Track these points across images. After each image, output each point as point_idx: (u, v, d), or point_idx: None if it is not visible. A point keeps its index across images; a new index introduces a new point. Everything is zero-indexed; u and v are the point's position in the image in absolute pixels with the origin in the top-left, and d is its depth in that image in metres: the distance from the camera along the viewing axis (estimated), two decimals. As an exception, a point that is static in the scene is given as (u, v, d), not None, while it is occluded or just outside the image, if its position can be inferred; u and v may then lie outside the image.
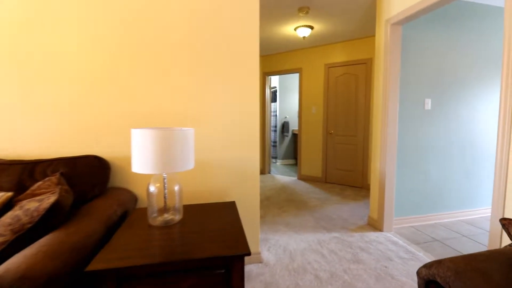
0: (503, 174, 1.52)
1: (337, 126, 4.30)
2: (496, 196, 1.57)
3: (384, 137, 2.54)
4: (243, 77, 1.86)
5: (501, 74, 1.52)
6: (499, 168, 1.55)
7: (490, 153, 2.99)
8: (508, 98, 1.49)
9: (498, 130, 1.55)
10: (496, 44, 2.92)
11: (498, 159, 1.55)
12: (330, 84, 4.34)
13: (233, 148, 1.87)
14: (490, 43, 2.90)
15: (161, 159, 1.16)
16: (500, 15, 2.94)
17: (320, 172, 4.51)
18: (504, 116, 1.51)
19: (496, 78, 2.96)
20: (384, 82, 2.53)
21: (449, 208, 2.89)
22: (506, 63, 1.50)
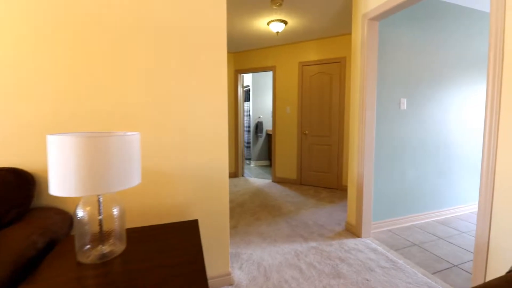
0: (490, 179, 1.42)
1: (312, 127, 4.18)
2: (483, 201, 1.47)
3: (362, 138, 2.42)
4: (208, 71, 1.59)
5: (487, 73, 1.42)
6: (485, 171, 1.45)
7: (460, 152, 3.03)
8: (495, 92, 1.39)
9: (485, 131, 1.45)
10: (468, 44, 2.95)
11: (485, 162, 1.45)
12: (305, 83, 4.20)
13: (195, 153, 1.59)
14: (462, 44, 2.92)
15: (90, 177, 0.85)
16: (473, 16, 2.98)
17: (295, 174, 4.36)
18: (490, 118, 1.41)
19: (466, 78, 3.00)
20: (362, 80, 2.40)
21: (423, 209, 2.87)
22: (492, 66, 1.40)
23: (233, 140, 4.88)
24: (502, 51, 1.36)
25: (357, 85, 2.49)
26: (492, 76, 1.40)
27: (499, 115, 1.38)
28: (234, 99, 4.83)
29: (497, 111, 1.38)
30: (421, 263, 2.05)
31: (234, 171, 4.92)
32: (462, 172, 3.08)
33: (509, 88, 1.34)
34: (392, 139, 2.63)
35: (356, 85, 2.49)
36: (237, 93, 4.81)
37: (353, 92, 2.55)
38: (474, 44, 3.00)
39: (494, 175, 1.41)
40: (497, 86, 1.38)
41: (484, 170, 1.45)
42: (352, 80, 2.57)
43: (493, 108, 1.40)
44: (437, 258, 2.11)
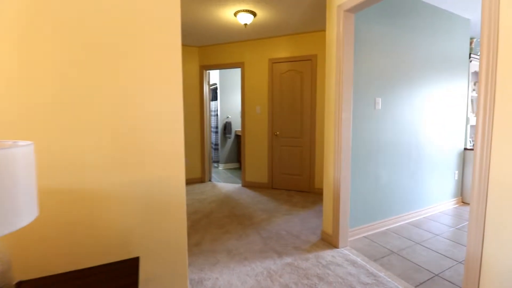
0: (483, 187, 1.28)
1: (283, 127, 3.96)
2: (475, 210, 1.32)
3: (338, 141, 2.22)
4: (157, 61, 1.23)
5: (479, 68, 1.27)
6: (478, 177, 1.30)
7: (429, 152, 3.01)
8: (488, 90, 1.25)
9: (477, 134, 1.30)
10: (437, 44, 2.94)
11: (477, 168, 1.30)
12: (275, 81, 3.96)
13: (140, 167, 1.22)
14: (431, 43, 2.90)
15: None
16: (443, 16, 2.97)
17: (266, 177, 4.11)
18: (483, 120, 1.27)
19: (438, 79, 2.99)
20: (338, 78, 2.21)
21: (397, 212, 2.79)
22: (484, 62, 1.26)
23: (199, 142, 4.48)
24: (496, 47, 1.21)
25: (332, 83, 2.29)
26: (485, 73, 1.25)
27: (493, 114, 1.24)
28: (200, 97, 4.44)
29: (491, 108, 1.24)
30: (402, 275, 1.90)
31: (200, 176, 4.52)
32: (432, 172, 3.07)
33: (504, 87, 1.20)
34: (367, 141, 2.49)
35: (331, 83, 2.30)
36: (203, 91, 4.43)
37: (328, 91, 2.35)
38: (443, 44, 3.01)
39: (487, 182, 1.27)
40: (491, 84, 1.23)
41: (476, 175, 1.31)
42: (326, 78, 2.37)
43: (487, 106, 1.26)
44: (417, 267, 1.99)
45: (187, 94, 4.34)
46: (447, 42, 3.06)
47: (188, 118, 4.37)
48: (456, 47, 3.16)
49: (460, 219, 2.90)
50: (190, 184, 4.39)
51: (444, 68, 3.05)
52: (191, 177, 4.45)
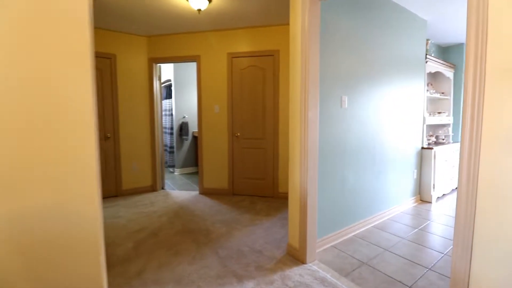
0: (471, 197, 1.10)
1: (244, 128, 3.64)
2: (461, 224, 1.14)
3: (304, 143, 1.97)
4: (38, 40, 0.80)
5: (465, 65, 1.10)
6: (465, 185, 1.12)
7: (392, 153, 2.96)
8: (476, 91, 1.07)
9: (463, 139, 1.13)
10: (402, 46, 2.90)
11: (464, 175, 1.12)
12: (235, 77, 3.63)
13: (13, 190, 0.78)
14: (397, 44, 2.84)
15: None
16: (409, 19, 2.94)
17: (226, 183, 3.75)
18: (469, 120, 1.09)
19: (399, 79, 2.95)
20: (303, 73, 1.95)
21: (362, 216, 2.66)
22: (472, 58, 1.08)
23: (149, 145, 3.93)
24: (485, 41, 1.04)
25: (296, 79, 2.03)
26: (473, 72, 1.07)
27: (483, 113, 1.06)
28: (149, 94, 3.89)
29: (480, 107, 1.07)
30: (376, 291, 1.71)
31: (151, 184, 3.97)
32: (394, 172, 3.03)
33: (494, 87, 1.03)
34: (334, 141, 2.29)
35: (296, 78, 2.04)
36: (153, 87, 3.89)
37: (293, 88, 2.09)
38: (403, 43, 2.99)
39: (476, 190, 1.10)
40: (479, 85, 1.06)
41: (463, 184, 1.13)
42: (291, 73, 2.10)
43: (475, 107, 1.08)
44: (389, 280, 1.82)
45: (132, 90, 3.77)
46: (407, 42, 3.05)
47: (135, 119, 3.80)
48: (414, 47, 3.18)
49: (421, 219, 2.89)
50: (139, 194, 3.82)
51: (405, 68, 3.04)
52: (140, 186, 3.88)
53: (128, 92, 3.74)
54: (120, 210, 3.16)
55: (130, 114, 3.77)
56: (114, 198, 3.65)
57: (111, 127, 3.65)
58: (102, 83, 3.59)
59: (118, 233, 2.55)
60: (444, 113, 4.14)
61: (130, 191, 3.80)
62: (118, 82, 3.67)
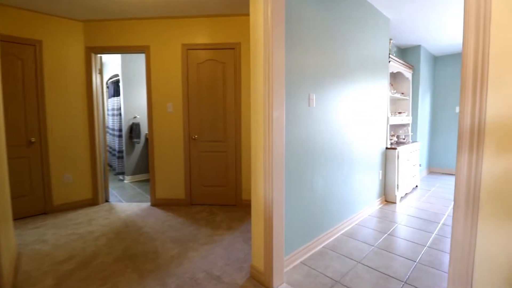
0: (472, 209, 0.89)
1: (203, 129, 3.24)
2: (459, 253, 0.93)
3: (268, 146, 1.66)
4: None
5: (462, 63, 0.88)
6: (465, 194, 0.91)
7: (359, 154, 2.83)
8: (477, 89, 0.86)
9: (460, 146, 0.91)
10: (368, 44, 2.76)
11: (463, 186, 0.91)
12: (191, 72, 3.21)
13: None
14: (363, 42, 2.70)
15: None
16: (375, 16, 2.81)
17: (182, 191, 3.30)
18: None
19: (365, 78, 2.83)
20: (266, 68, 1.65)
21: (331, 224, 2.46)
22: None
23: (88, 151, 3.31)
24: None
25: (258, 74, 1.72)
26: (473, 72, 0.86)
27: (486, 116, 0.85)
28: (87, 90, 3.28)
29: (483, 108, 0.85)
30: (353, 319, 1.47)
31: (91, 197, 3.35)
32: (362, 174, 2.90)
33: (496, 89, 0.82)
34: (301, 144, 2.03)
35: (258, 75, 1.73)
36: (92, 81, 3.29)
37: (255, 84, 1.77)
38: (369, 41, 2.87)
39: (478, 202, 0.89)
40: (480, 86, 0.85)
41: (462, 192, 0.91)
42: (252, 69, 1.79)
43: (476, 106, 0.87)
44: (366, 302, 1.60)
45: (64, 85, 3.13)
46: (373, 39, 2.94)
47: (68, 119, 3.16)
48: (379, 46, 3.10)
49: (388, 222, 2.79)
50: (75, 209, 3.19)
51: (371, 67, 2.93)
52: (77, 200, 3.24)
53: (59, 87, 3.09)
54: (47, 233, 2.55)
55: (62, 114, 3.12)
56: (43, 216, 2.98)
57: (36, 130, 2.97)
58: (22, 75, 2.90)
59: (38, 265, 1.99)
60: (404, 113, 4.20)
61: (64, 207, 3.15)
62: (45, 74, 3.01)
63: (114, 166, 4.73)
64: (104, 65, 5.48)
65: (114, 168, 4.79)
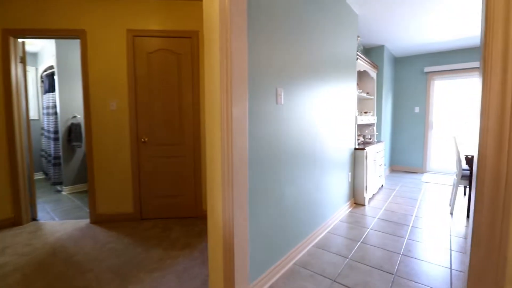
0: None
1: (154, 131, 2.78)
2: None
3: (228, 153, 1.32)
4: None
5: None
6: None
7: (331, 157, 2.63)
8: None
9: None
10: (338, 40, 2.56)
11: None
12: (139, 64, 2.73)
13: None
14: (333, 38, 2.49)
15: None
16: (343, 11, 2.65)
17: (130, 205, 2.80)
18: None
19: (336, 75, 2.63)
20: (224, 59, 1.31)
21: (303, 236, 2.20)
22: None
23: (5, 159, 2.65)
24: None
25: (214, 65, 1.37)
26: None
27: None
28: (4, 83, 2.61)
29: None
30: None
31: (13, 216, 2.69)
32: (332, 178, 2.71)
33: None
34: (267, 146, 1.73)
35: (213, 65, 1.38)
36: (10, 72, 2.63)
37: (210, 77, 1.42)
38: (338, 37, 2.68)
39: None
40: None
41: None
42: (206, 60, 1.43)
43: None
44: (346, 335, 1.35)
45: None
46: (342, 35, 2.77)
47: (-26, 117, 2.47)
48: (348, 42, 2.94)
49: (359, 227, 2.63)
50: (-15, 233, 2.51)
51: (340, 63, 2.75)
52: (-12, 221, 2.57)
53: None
54: None
55: (-36, 112, 2.43)
56: None
57: None
58: None
59: None
60: (369, 113, 4.17)
61: (-31, 231, 2.46)
62: None
63: (50, 175, 3.99)
64: (37, 55, 4.66)
65: (49, 177, 4.04)
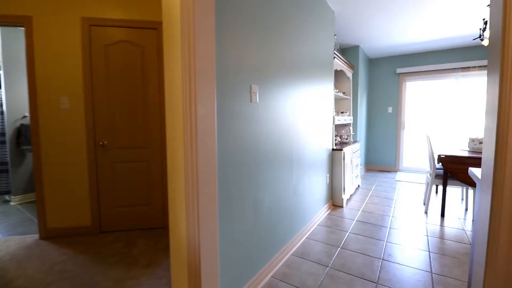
0: None
1: (115, 133, 2.48)
2: None
3: (192, 159, 1.12)
4: None
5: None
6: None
7: (309, 159, 2.51)
8: None
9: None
10: (317, 38, 2.44)
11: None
12: (97, 56, 2.41)
13: None
14: (312, 35, 2.36)
15: None
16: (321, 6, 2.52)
17: (87, 216, 2.47)
18: None
19: (315, 73, 2.51)
20: (186, 52, 1.11)
21: (281, 245, 2.05)
22: None
23: None
24: None
25: (174, 58, 1.16)
26: None
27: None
28: None
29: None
30: None
31: None
32: (310, 181, 2.59)
33: None
34: (241, 149, 1.54)
35: (174, 60, 1.17)
36: None
37: (170, 72, 1.21)
38: (316, 35, 2.57)
39: None
40: None
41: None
42: (165, 53, 1.22)
43: None
44: None
45: None
46: (319, 32, 2.66)
47: None
48: (325, 40, 2.84)
49: (339, 231, 2.54)
50: None
51: (318, 61, 2.64)
52: None
53: None
54: None
55: None
56: None
57: None
58: None
59: None
60: (346, 113, 4.15)
61: None
62: None
63: (-5, 183, 3.48)
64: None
65: (-6, 185, 3.53)
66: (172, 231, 1.23)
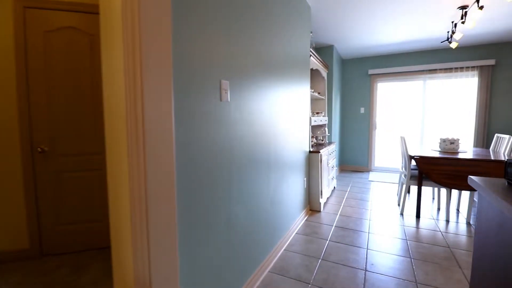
0: None
1: (59, 137, 2.08)
2: None
3: (139, 180, 0.85)
4: None
5: None
6: None
7: (286, 164, 2.32)
8: None
9: None
10: (294, 35, 2.25)
11: None
12: (33, 45, 2.00)
13: None
14: (290, 32, 2.16)
15: None
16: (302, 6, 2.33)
17: (25, 237, 2.04)
18: None
19: (291, 71, 2.32)
20: (130, 44, 0.83)
21: (257, 262, 1.83)
22: None
23: None
24: None
25: (117, 51, 0.88)
26: None
27: None
28: None
29: None
30: None
31: None
32: (288, 188, 2.41)
33: None
34: (208, 158, 1.29)
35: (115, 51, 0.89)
36: None
37: (108, 68, 0.92)
38: (293, 32, 2.39)
39: None
40: None
41: None
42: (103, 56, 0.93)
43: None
44: None
45: None
46: (295, 29, 2.48)
47: None
48: (301, 37, 2.68)
49: (318, 240, 2.39)
50: None
51: (294, 58, 2.46)
52: None
53: None
54: None
55: None
56: None
57: None
58: None
59: None
60: (321, 113, 4.05)
61: None
62: None
63: None
64: None
65: None
66: (116, 269, 0.95)
